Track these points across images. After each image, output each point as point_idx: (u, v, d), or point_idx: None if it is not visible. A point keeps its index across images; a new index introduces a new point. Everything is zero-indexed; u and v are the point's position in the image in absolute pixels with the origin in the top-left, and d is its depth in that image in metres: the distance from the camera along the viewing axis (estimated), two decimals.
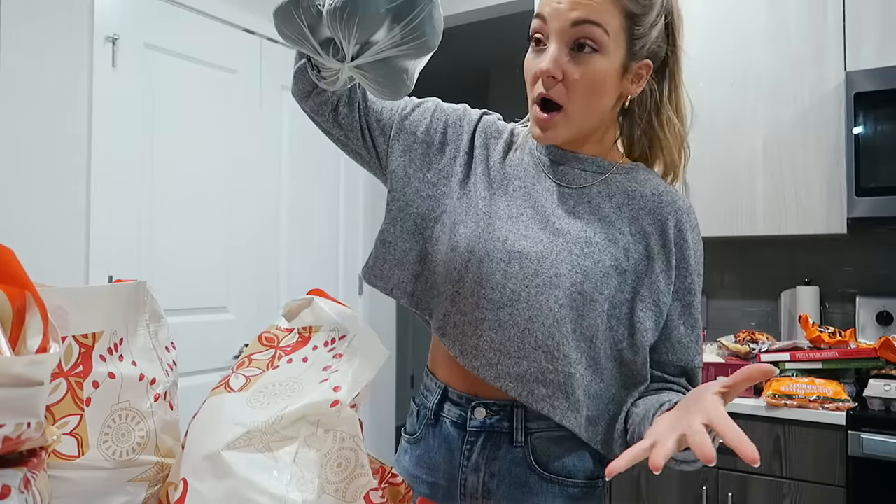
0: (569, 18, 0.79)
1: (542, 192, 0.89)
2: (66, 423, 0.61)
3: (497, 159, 0.93)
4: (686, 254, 0.87)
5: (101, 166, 2.03)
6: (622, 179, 0.89)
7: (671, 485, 1.96)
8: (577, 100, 0.82)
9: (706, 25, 2.22)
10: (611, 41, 0.80)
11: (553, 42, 0.81)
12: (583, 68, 0.80)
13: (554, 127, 0.84)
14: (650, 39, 0.84)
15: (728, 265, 2.49)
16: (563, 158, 0.90)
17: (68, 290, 0.63)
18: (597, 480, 0.90)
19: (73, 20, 1.97)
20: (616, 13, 0.80)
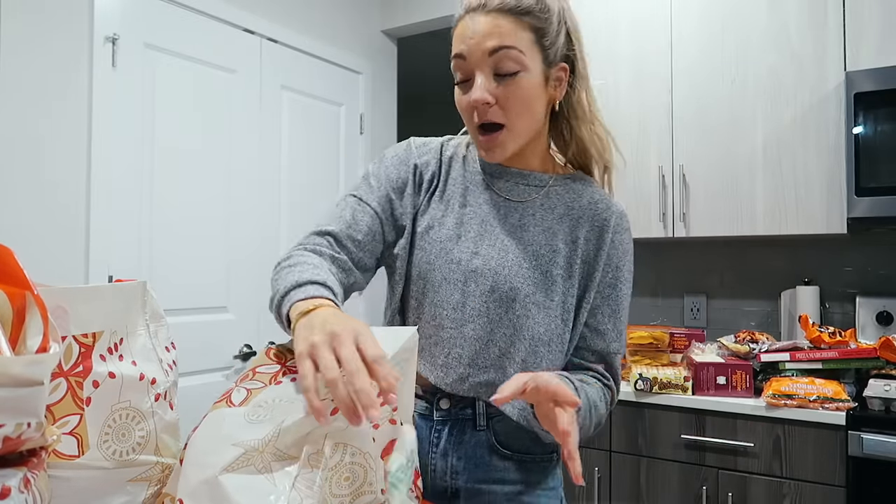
0: (486, 49, 0.86)
1: (489, 209, 0.96)
2: (66, 422, 0.61)
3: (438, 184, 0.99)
4: (612, 252, 0.96)
5: (101, 166, 2.03)
6: (561, 191, 0.98)
7: (671, 485, 1.96)
8: (514, 116, 0.89)
9: (706, 25, 2.22)
10: (527, 58, 0.88)
11: (478, 74, 0.88)
12: (511, 89, 0.88)
13: (500, 145, 0.90)
14: (559, 45, 0.92)
15: (728, 265, 2.49)
16: (506, 175, 0.98)
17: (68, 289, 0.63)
18: (552, 454, 0.99)
19: (73, 20, 1.97)
20: (523, 31, 0.87)
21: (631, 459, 2.03)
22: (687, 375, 1.97)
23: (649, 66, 2.31)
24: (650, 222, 2.30)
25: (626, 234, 0.98)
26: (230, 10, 2.43)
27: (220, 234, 2.40)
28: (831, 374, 1.89)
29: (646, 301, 2.65)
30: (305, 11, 2.75)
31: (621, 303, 0.96)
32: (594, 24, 2.42)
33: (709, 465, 1.91)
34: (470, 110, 0.90)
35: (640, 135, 2.33)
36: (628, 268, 0.97)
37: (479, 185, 0.98)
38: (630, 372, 2.05)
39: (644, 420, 2.01)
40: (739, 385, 1.92)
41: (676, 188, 2.25)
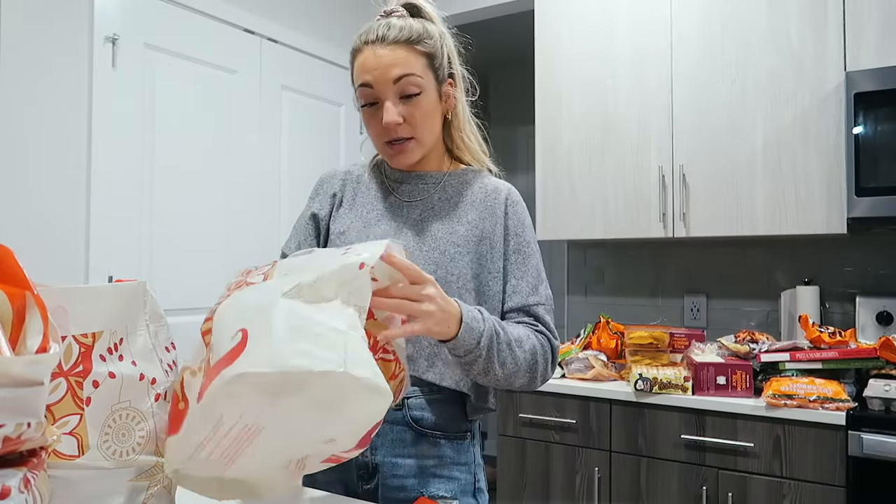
0: (391, 77, 1.01)
1: (394, 210, 1.11)
2: (66, 422, 0.61)
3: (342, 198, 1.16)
4: (509, 222, 1.09)
5: (101, 166, 2.03)
6: (455, 183, 1.12)
7: (671, 484, 1.96)
8: (419, 130, 1.05)
9: (706, 26, 2.22)
10: (424, 80, 1.03)
11: (386, 99, 1.02)
12: (415, 108, 1.03)
13: (408, 151, 1.06)
14: (444, 65, 1.07)
15: (728, 265, 2.49)
16: (406, 179, 1.13)
17: (68, 289, 0.63)
18: (465, 433, 1.08)
19: (73, 20, 1.97)
20: (418, 58, 1.02)
21: (631, 459, 2.03)
22: (687, 375, 1.97)
23: (649, 67, 2.31)
24: (650, 222, 2.30)
25: (519, 205, 1.11)
26: (230, 10, 2.43)
27: (221, 233, 2.40)
28: (831, 374, 1.89)
29: (646, 301, 2.65)
30: (305, 11, 2.75)
31: (529, 262, 1.08)
32: (594, 24, 2.42)
33: (709, 465, 1.91)
34: (381, 129, 1.04)
35: (640, 135, 2.33)
36: (529, 233, 1.10)
37: (385, 193, 1.13)
38: (630, 372, 2.05)
39: (644, 420, 2.01)
40: (739, 385, 1.92)
41: (676, 188, 2.25)
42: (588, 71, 2.43)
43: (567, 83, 2.47)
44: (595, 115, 2.41)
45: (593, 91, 2.42)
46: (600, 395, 2.08)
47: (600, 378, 2.16)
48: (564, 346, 2.34)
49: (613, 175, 2.37)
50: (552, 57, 2.50)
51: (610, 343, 2.29)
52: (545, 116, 2.51)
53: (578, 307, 2.79)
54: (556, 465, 2.15)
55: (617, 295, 2.72)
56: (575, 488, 2.12)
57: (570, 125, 2.46)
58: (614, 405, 2.07)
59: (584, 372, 2.18)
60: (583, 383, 2.14)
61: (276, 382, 0.59)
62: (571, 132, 2.46)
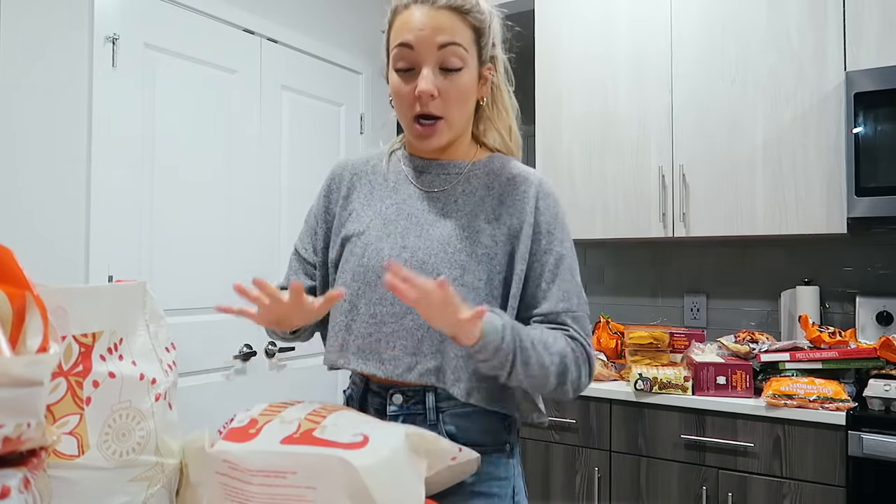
0: (435, 43, 0.92)
1: (413, 203, 1.02)
2: (66, 422, 0.61)
3: (364, 191, 1.07)
4: (540, 219, 0.98)
5: (101, 166, 2.03)
6: (481, 174, 1.02)
7: (671, 485, 1.96)
8: (453, 110, 0.95)
9: (706, 26, 2.22)
10: (469, 55, 0.95)
11: (425, 66, 0.93)
12: (454, 84, 0.94)
13: (437, 133, 0.96)
14: (489, 46, 0.98)
15: (728, 265, 2.49)
16: (427, 168, 1.04)
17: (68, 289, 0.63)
18: (504, 445, 1.01)
19: (73, 20, 1.97)
20: (467, 30, 0.94)
21: (631, 459, 2.03)
22: (687, 375, 1.97)
23: (649, 67, 2.31)
24: (650, 222, 2.30)
25: (551, 198, 1.00)
26: (230, 10, 2.43)
27: (221, 232, 2.40)
28: (831, 374, 1.89)
29: (646, 301, 2.65)
30: (305, 11, 2.74)
31: (561, 264, 0.97)
32: (594, 25, 2.42)
33: (709, 465, 1.91)
34: (412, 100, 0.94)
35: (640, 135, 2.33)
36: (561, 230, 0.99)
37: (404, 182, 1.04)
38: (630, 372, 2.05)
39: (644, 420, 2.01)
40: (739, 385, 1.92)
41: (676, 188, 2.25)
42: (588, 71, 2.43)
43: (567, 83, 2.47)
44: (595, 115, 2.41)
45: (593, 91, 2.42)
46: (600, 395, 2.08)
47: (600, 378, 2.16)
48: None
49: (613, 175, 2.37)
50: (552, 57, 2.50)
51: (610, 343, 2.29)
52: (545, 116, 2.51)
53: None
54: (556, 464, 2.15)
55: (617, 295, 2.72)
56: (575, 488, 2.12)
57: (571, 125, 2.46)
58: (614, 405, 2.07)
59: None
60: None
61: (364, 485, 0.68)
62: (571, 132, 2.46)
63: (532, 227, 0.97)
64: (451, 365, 0.95)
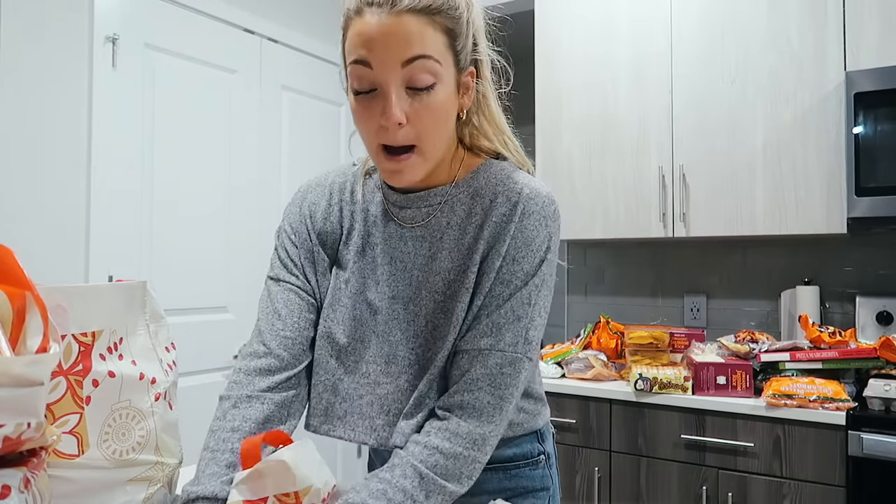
0: (399, 59, 0.73)
1: (398, 243, 0.87)
2: (66, 421, 0.61)
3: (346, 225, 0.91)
4: (512, 244, 0.81)
5: (101, 166, 2.03)
6: (464, 197, 0.86)
7: (671, 484, 1.96)
8: (427, 136, 0.77)
9: (706, 26, 2.22)
10: (442, 67, 0.76)
11: (390, 87, 0.74)
12: (426, 105, 0.75)
13: (410, 167, 0.78)
14: (468, 48, 0.80)
15: (728, 265, 2.49)
16: (408, 202, 0.87)
17: (68, 288, 0.63)
18: (538, 457, 0.95)
19: (73, 20, 1.97)
20: (436, 35, 0.74)
21: (631, 459, 2.03)
22: (687, 375, 1.97)
23: (649, 68, 2.31)
24: (650, 222, 2.30)
25: (531, 219, 0.82)
26: (230, 10, 2.43)
27: (220, 233, 2.40)
28: (831, 374, 1.89)
29: (646, 301, 2.65)
30: (305, 11, 2.75)
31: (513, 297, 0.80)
32: (594, 26, 2.42)
33: (709, 465, 1.91)
34: (376, 128, 0.76)
35: (640, 135, 2.33)
36: (531, 259, 0.81)
37: (384, 218, 0.88)
38: (630, 372, 2.05)
39: (644, 420, 2.01)
40: (739, 385, 1.92)
41: (676, 188, 2.25)
42: (588, 72, 2.43)
43: (567, 84, 2.47)
44: (595, 116, 2.41)
45: (593, 92, 2.42)
46: (600, 395, 2.07)
47: (600, 378, 2.16)
48: (564, 345, 2.34)
49: (613, 175, 2.38)
50: (552, 59, 2.50)
51: (610, 343, 2.29)
52: (545, 117, 2.51)
53: (578, 307, 2.79)
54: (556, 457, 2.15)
55: (617, 295, 2.72)
56: (575, 488, 2.12)
57: (571, 126, 2.46)
58: (614, 405, 2.07)
59: (584, 372, 2.18)
60: (583, 383, 2.14)
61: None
62: (572, 133, 2.46)
63: (500, 258, 0.81)
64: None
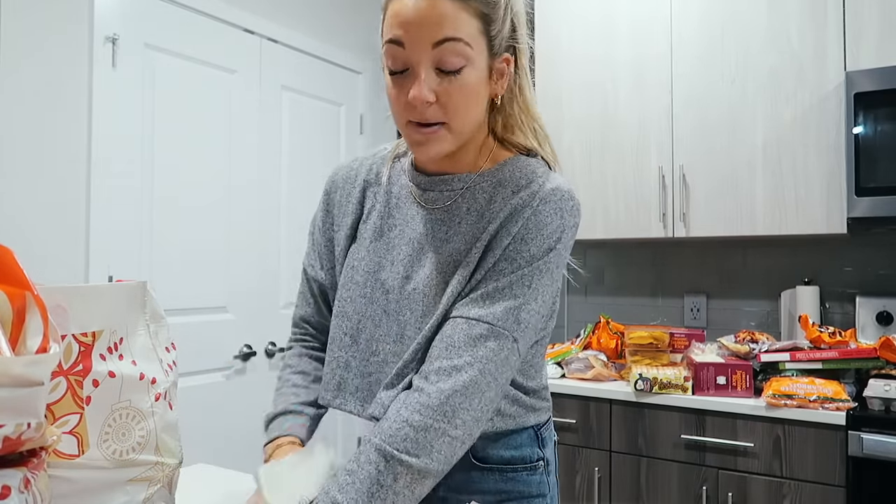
0: (430, 40, 0.77)
1: (416, 225, 0.90)
2: (66, 421, 0.61)
3: (367, 205, 0.96)
4: (524, 226, 0.83)
5: (101, 166, 2.03)
6: (487, 186, 0.88)
7: (671, 485, 1.96)
8: (455, 115, 0.81)
9: (706, 27, 2.22)
10: (474, 51, 0.79)
11: (420, 67, 0.78)
12: (456, 86, 0.79)
13: (437, 140, 0.82)
14: (504, 34, 0.83)
15: (728, 265, 2.49)
16: (431, 185, 0.91)
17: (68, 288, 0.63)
18: (537, 462, 0.95)
19: (73, 20, 1.97)
20: (470, 19, 0.78)
21: (631, 459, 2.03)
22: (687, 375, 1.97)
23: (649, 68, 2.31)
24: (650, 222, 2.30)
25: (548, 206, 0.83)
26: (230, 10, 2.43)
27: (220, 233, 2.40)
28: (831, 374, 1.89)
29: (646, 301, 2.65)
30: (305, 11, 2.75)
31: (511, 276, 0.81)
32: (594, 26, 2.42)
33: (709, 465, 1.91)
34: (406, 106, 0.81)
35: (640, 135, 2.33)
36: (541, 243, 0.82)
37: (408, 200, 0.92)
38: (630, 372, 2.05)
39: (644, 420, 2.01)
40: (739, 385, 1.92)
41: (676, 188, 2.25)
42: (588, 73, 2.43)
43: (567, 84, 2.47)
44: (595, 116, 2.42)
45: (593, 92, 2.42)
46: (600, 395, 2.08)
47: (600, 378, 2.16)
48: (564, 345, 2.34)
49: (614, 176, 2.38)
50: (552, 59, 2.50)
51: (610, 343, 2.29)
52: (545, 118, 2.50)
53: (578, 307, 2.80)
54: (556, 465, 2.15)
55: (617, 295, 2.72)
56: (575, 488, 2.12)
57: (571, 126, 2.46)
58: (614, 405, 2.07)
59: (584, 372, 2.18)
60: (583, 383, 2.14)
61: None
62: (572, 132, 2.46)
63: (510, 237, 0.82)
64: None
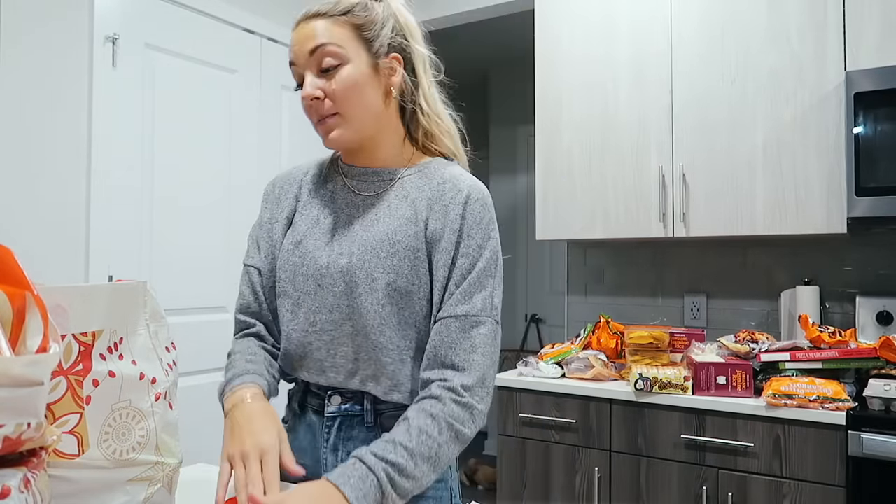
0: (307, 51, 0.96)
1: (349, 210, 1.03)
2: (66, 421, 0.61)
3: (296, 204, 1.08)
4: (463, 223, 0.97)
5: (101, 166, 2.03)
6: (415, 179, 1.03)
7: (671, 485, 1.96)
8: (343, 103, 0.96)
9: (706, 27, 2.22)
10: (348, 51, 0.96)
11: (306, 73, 0.97)
12: (335, 80, 0.95)
13: (335, 127, 0.97)
14: (384, 36, 0.98)
15: (728, 265, 2.49)
16: (362, 175, 1.05)
17: (68, 288, 0.63)
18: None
19: (73, 20, 1.97)
20: (342, 29, 0.96)
21: (631, 459, 2.03)
22: (687, 375, 1.97)
23: (649, 68, 2.31)
24: (650, 222, 2.30)
25: (478, 204, 0.98)
26: (230, 10, 2.43)
27: (220, 233, 2.40)
28: (831, 374, 1.89)
29: (646, 301, 2.65)
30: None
31: (473, 268, 0.96)
32: (594, 26, 2.42)
33: (709, 465, 1.91)
34: (308, 109, 0.98)
35: (640, 135, 2.33)
36: (481, 234, 0.97)
37: (341, 190, 1.06)
38: (630, 372, 2.05)
39: (644, 420, 2.01)
40: (739, 385, 1.92)
41: (676, 188, 2.25)
42: (588, 72, 2.43)
43: (567, 84, 2.47)
44: (595, 116, 2.41)
45: (594, 92, 2.42)
46: (600, 395, 2.08)
47: (600, 378, 2.16)
48: (564, 345, 2.34)
49: (614, 175, 2.38)
50: (552, 59, 2.50)
51: (610, 343, 2.29)
52: (545, 117, 2.51)
53: (578, 307, 2.79)
54: (556, 465, 2.15)
55: (617, 295, 2.72)
56: (575, 488, 2.12)
57: (571, 125, 2.46)
58: (614, 405, 2.07)
59: (584, 372, 2.18)
60: (583, 383, 2.14)
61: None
62: (572, 132, 2.46)
63: (456, 234, 0.96)
64: (387, 371, 0.96)
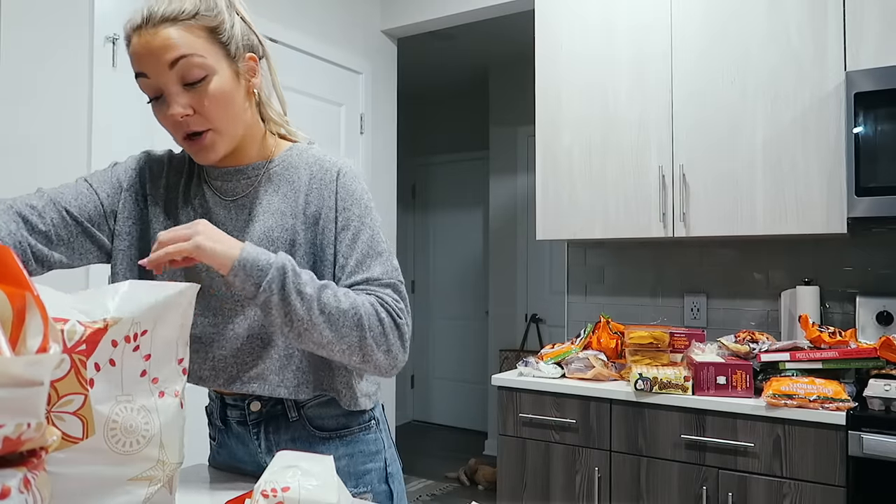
0: (165, 62, 0.86)
1: (218, 212, 0.98)
2: (71, 401, 0.61)
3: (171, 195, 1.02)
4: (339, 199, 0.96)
5: (102, 166, 2.03)
6: (280, 170, 1.00)
7: (671, 485, 1.96)
8: (216, 118, 0.90)
9: (707, 27, 2.22)
10: (209, 59, 0.89)
11: (168, 88, 0.88)
12: (205, 94, 0.89)
13: (210, 146, 0.92)
14: (238, 37, 0.93)
15: (728, 265, 2.49)
16: (227, 177, 0.99)
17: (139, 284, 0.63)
18: (369, 421, 1.03)
19: (73, 20, 1.97)
20: (196, 35, 0.88)
21: (631, 459, 2.03)
22: (687, 375, 1.97)
23: (649, 68, 2.32)
24: (650, 222, 2.30)
25: (348, 177, 0.98)
26: None
27: None
28: (831, 374, 1.89)
29: (646, 301, 2.65)
30: (305, 11, 2.74)
31: (359, 237, 0.95)
32: (594, 26, 2.42)
33: (709, 465, 1.91)
34: (173, 125, 0.91)
35: (640, 135, 2.33)
36: (357, 205, 0.97)
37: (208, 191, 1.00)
38: (630, 372, 2.06)
39: (644, 420, 2.01)
40: (739, 385, 1.92)
41: (676, 188, 2.26)
42: (588, 73, 2.43)
43: (567, 84, 2.47)
44: (595, 116, 2.42)
45: (594, 92, 2.42)
46: (600, 395, 2.08)
47: (600, 378, 2.16)
48: (564, 345, 2.34)
49: (614, 175, 2.38)
50: (552, 59, 2.50)
51: (610, 343, 2.29)
52: (545, 117, 2.51)
53: (578, 307, 2.80)
54: (556, 464, 2.15)
55: (617, 295, 2.72)
56: (575, 488, 2.12)
57: (571, 126, 2.46)
58: (614, 405, 2.07)
59: (584, 371, 2.18)
60: (583, 383, 2.14)
61: None
62: (572, 132, 2.46)
63: (333, 211, 0.96)
64: (273, 367, 0.94)
